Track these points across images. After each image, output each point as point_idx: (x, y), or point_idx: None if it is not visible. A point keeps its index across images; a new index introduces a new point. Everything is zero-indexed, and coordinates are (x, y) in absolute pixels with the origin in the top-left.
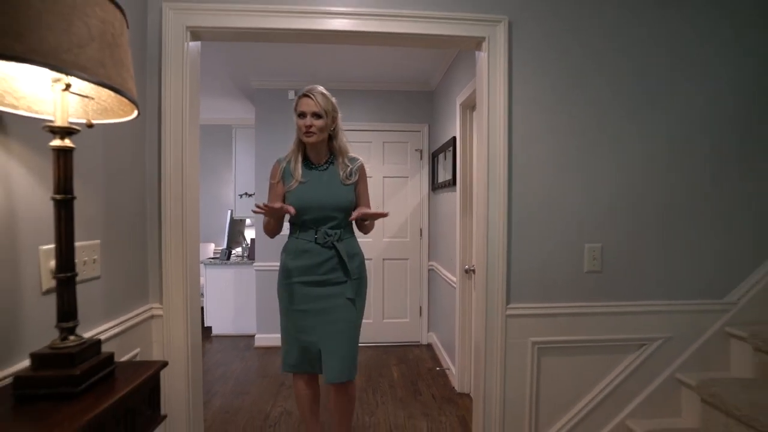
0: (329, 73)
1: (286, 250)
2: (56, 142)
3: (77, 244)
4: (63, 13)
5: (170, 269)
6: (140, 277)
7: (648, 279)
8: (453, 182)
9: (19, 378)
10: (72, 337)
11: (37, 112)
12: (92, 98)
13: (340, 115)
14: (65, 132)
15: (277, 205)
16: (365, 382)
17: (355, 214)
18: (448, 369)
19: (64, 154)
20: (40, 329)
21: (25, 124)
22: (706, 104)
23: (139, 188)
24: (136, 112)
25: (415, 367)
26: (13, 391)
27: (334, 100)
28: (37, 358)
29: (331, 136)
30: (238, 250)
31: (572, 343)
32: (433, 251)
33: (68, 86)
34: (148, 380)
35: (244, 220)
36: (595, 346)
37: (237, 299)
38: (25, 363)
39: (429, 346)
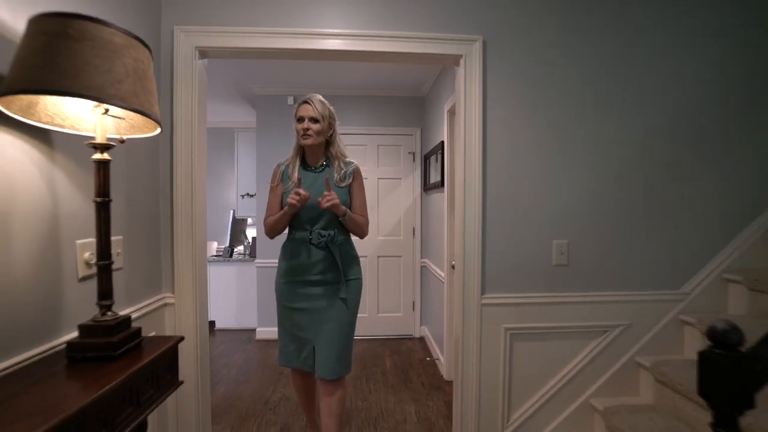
0: (327, 81)
1: (284, 250)
2: (97, 156)
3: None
4: (106, 57)
5: (181, 262)
6: (155, 269)
7: (610, 272)
8: (442, 183)
9: (71, 344)
10: (109, 313)
11: (78, 130)
12: (124, 119)
13: (337, 123)
14: (104, 147)
15: (304, 192)
16: (360, 371)
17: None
18: (438, 359)
19: (103, 165)
20: (78, 310)
21: (68, 140)
22: (659, 118)
23: (154, 191)
24: (159, 129)
25: (407, 358)
26: (66, 354)
27: (331, 108)
28: (84, 329)
29: (329, 142)
30: (240, 248)
31: (541, 329)
32: (425, 249)
33: (107, 111)
34: (168, 350)
35: (246, 219)
36: (562, 332)
37: (239, 295)
38: (67, 336)
39: (421, 339)
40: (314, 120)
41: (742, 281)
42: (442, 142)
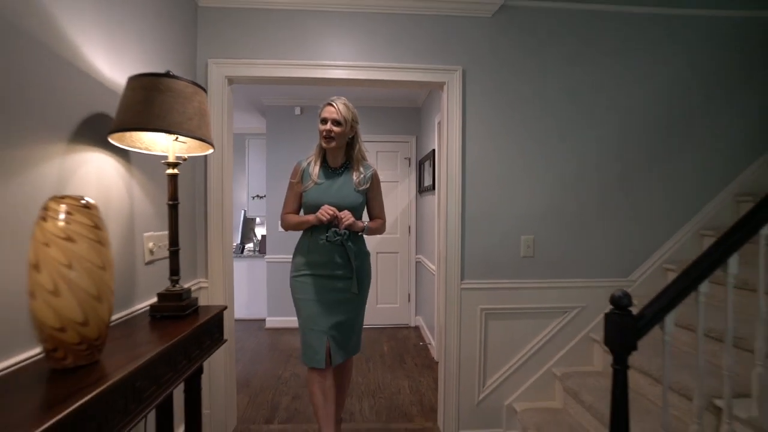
0: (330, 94)
1: (300, 247)
2: (170, 171)
3: (159, 233)
4: (182, 103)
5: (213, 253)
6: (192, 259)
7: (569, 262)
8: (434, 186)
9: (153, 306)
10: (177, 286)
11: (151, 151)
12: (186, 143)
13: (359, 126)
14: (175, 164)
15: (320, 218)
16: (360, 355)
17: (344, 223)
18: (430, 344)
19: (174, 177)
20: (145, 286)
21: (141, 158)
22: (610, 137)
23: (191, 195)
24: (212, 150)
25: (403, 343)
26: (150, 313)
27: (354, 111)
28: (161, 296)
29: (350, 144)
30: (250, 245)
31: (511, 310)
32: (420, 246)
33: (176, 138)
34: (216, 315)
35: (255, 218)
36: (529, 312)
37: (249, 287)
38: (139, 304)
39: (416, 328)
40: (337, 123)
41: (677, 270)
42: (434, 150)
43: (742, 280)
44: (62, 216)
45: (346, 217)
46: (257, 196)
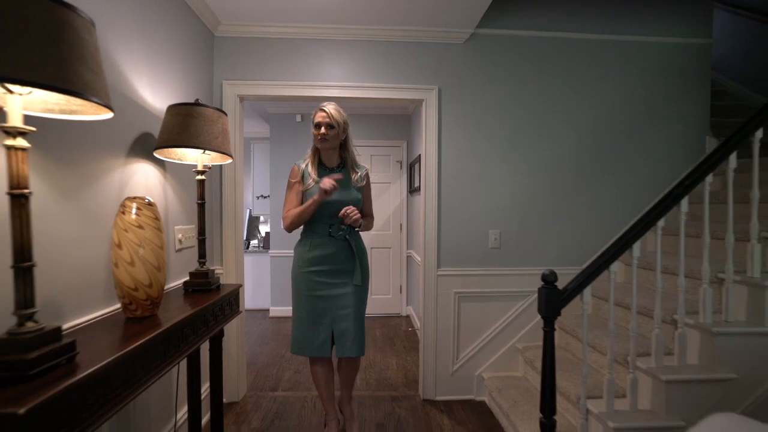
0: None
1: (303, 243)
2: (199, 177)
3: (186, 226)
4: (210, 125)
5: (227, 244)
6: (210, 249)
7: (530, 253)
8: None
9: (186, 282)
10: (204, 267)
11: (183, 161)
12: (211, 155)
13: (350, 128)
14: (202, 172)
15: (321, 196)
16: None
17: (348, 217)
18: (418, 329)
19: (202, 182)
20: (175, 270)
21: (174, 167)
22: (564, 146)
23: (210, 194)
24: (231, 160)
25: (394, 330)
26: (183, 288)
27: (345, 114)
28: (192, 274)
29: (343, 146)
30: (255, 242)
31: (481, 293)
32: (410, 241)
33: (204, 151)
34: (234, 291)
35: (259, 217)
36: (496, 295)
37: (254, 280)
38: (173, 283)
39: (407, 317)
40: (330, 126)
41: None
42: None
43: (645, 262)
44: (134, 211)
45: (353, 210)
46: (261, 196)
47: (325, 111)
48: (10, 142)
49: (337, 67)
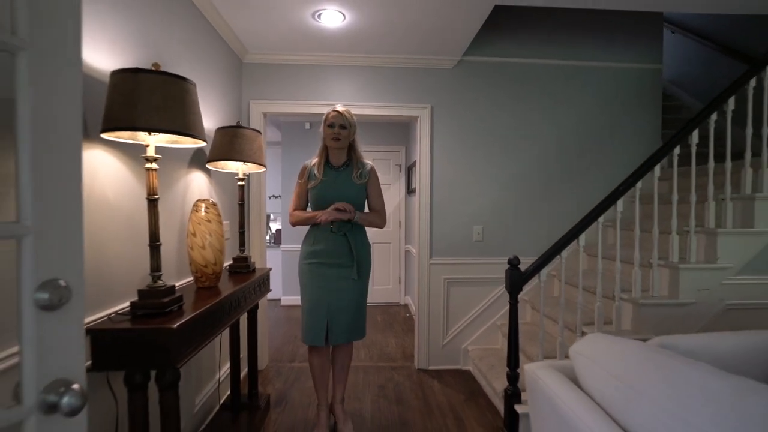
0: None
1: (307, 238)
2: (240, 183)
3: (225, 222)
4: (250, 142)
5: (254, 236)
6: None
7: (508, 245)
8: None
9: (230, 266)
10: (243, 254)
11: (225, 170)
12: (249, 165)
13: (357, 130)
14: (242, 179)
15: (327, 217)
16: None
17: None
18: (415, 315)
19: (242, 186)
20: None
21: (219, 175)
22: (535, 157)
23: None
24: (264, 169)
25: (393, 316)
26: (228, 270)
27: (354, 118)
28: (234, 259)
29: (350, 146)
30: (267, 237)
31: (466, 279)
32: (408, 237)
33: (244, 162)
34: (265, 273)
35: (270, 215)
36: (479, 281)
37: None
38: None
39: (405, 306)
40: (343, 126)
41: (586, 251)
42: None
43: (594, 251)
44: (204, 209)
45: (344, 205)
46: (273, 195)
47: (339, 111)
48: (148, 165)
49: (344, 88)
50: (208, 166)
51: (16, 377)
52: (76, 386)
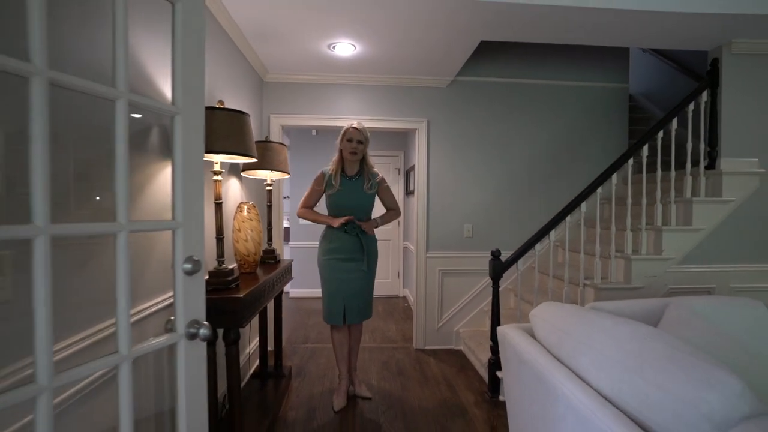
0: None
1: (325, 236)
2: (268, 188)
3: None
4: (277, 154)
5: (274, 233)
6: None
7: (494, 241)
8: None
9: (261, 257)
10: (271, 247)
11: (255, 177)
12: (276, 173)
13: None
14: (270, 184)
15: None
16: None
17: (367, 228)
18: (413, 304)
19: (269, 191)
20: None
21: (249, 180)
22: (519, 164)
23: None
24: (288, 176)
25: (393, 306)
26: (262, 262)
27: (368, 133)
28: (264, 252)
29: (364, 157)
30: None
31: (459, 270)
32: (407, 235)
33: (271, 170)
34: (288, 263)
35: None
36: (470, 272)
37: None
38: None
39: (404, 297)
40: (360, 141)
41: (560, 245)
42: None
43: (556, 242)
44: (246, 209)
45: (368, 226)
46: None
47: (358, 129)
48: (216, 177)
49: (352, 104)
50: (243, 174)
51: (162, 318)
52: (206, 323)
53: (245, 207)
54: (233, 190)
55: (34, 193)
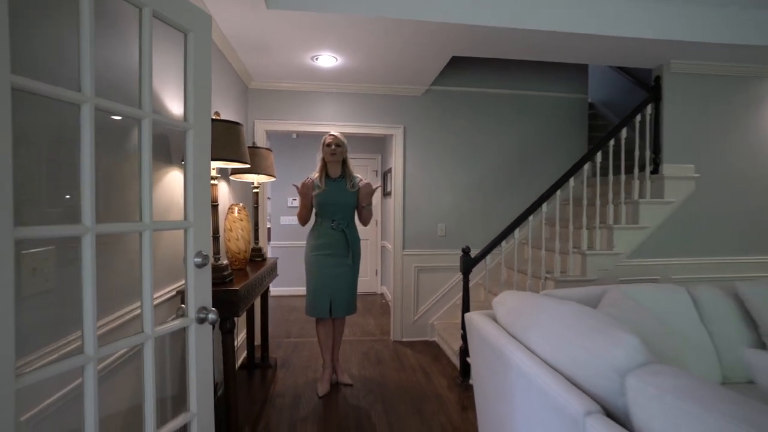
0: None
1: (312, 234)
2: (255, 190)
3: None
4: (264, 159)
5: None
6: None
7: (466, 239)
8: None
9: (250, 256)
10: (258, 246)
11: (242, 180)
12: (262, 176)
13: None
14: (256, 187)
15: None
16: None
17: (363, 201)
18: (390, 300)
19: (256, 193)
20: None
21: (237, 183)
22: (492, 164)
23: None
24: (275, 179)
25: (371, 302)
26: (250, 260)
27: (345, 139)
28: (252, 250)
29: (344, 161)
30: None
31: (433, 267)
32: (384, 234)
33: (258, 173)
34: (274, 261)
35: None
36: (443, 268)
37: None
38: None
39: (381, 294)
40: (338, 145)
41: (526, 243)
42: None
43: (521, 240)
44: (237, 210)
45: (364, 198)
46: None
47: (334, 134)
48: (213, 181)
49: (333, 110)
50: (231, 177)
51: (165, 310)
52: (214, 309)
53: (236, 208)
54: (223, 193)
55: (83, 199)
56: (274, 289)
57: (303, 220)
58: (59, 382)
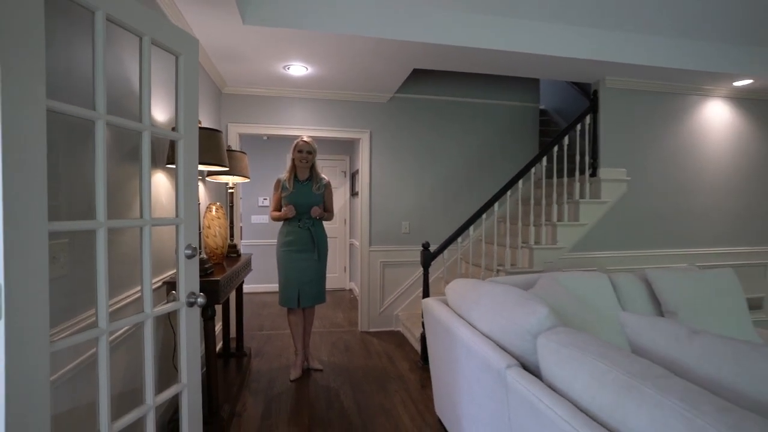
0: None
1: (281, 231)
2: (231, 190)
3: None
4: (239, 161)
5: (236, 229)
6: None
7: (428, 236)
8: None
9: (227, 252)
10: (233, 242)
11: (218, 180)
12: (237, 177)
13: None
14: (232, 187)
15: (291, 213)
16: None
17: (314, 212)
18: (358, 295)
19: (231, 193)
20: None
21: (215, 184)
22: (452, 166)
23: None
24: (248, 180)
25: (340, 298)
26: (226, 255)
27: (316, 144)
28: (228, 247)
29: (313, 165)
30: None
31: (398, 262)
32: (352, 233)
33: (234, 174)
34: (248, 257)
35: None
36: (407, 263)
37: None
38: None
39: (350, 290)
40: (309, 152)
41: (481, 239)
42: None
43: (477, 237)
44: (215, 209)
45: (314, 211)
46: None
47: (307, 141)
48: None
49: (303, 115)
50: (208, 179)
51: (161, 295)
52: (202, 294)
53: (214, 207)
54: (201, 193)
55: (97, 199)
56: (247, 286)
57: (273, 216)
58: (72, 353)
